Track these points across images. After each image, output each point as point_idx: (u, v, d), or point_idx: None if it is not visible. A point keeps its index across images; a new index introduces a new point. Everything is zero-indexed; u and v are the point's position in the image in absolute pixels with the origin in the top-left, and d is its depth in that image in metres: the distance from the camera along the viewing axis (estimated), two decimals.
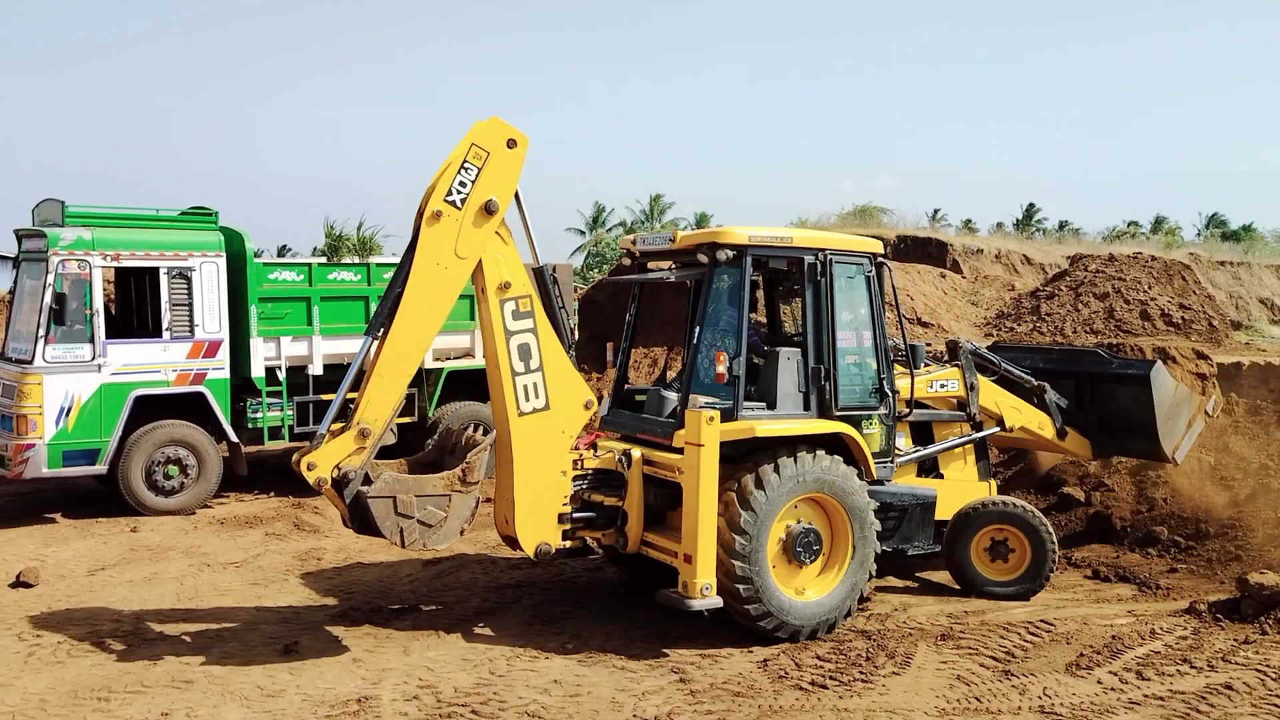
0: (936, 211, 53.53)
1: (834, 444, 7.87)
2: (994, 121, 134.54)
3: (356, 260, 12.82)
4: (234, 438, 11.93)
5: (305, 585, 9.00)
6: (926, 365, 9.39)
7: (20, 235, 11.92)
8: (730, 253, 7.65)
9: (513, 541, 7.59)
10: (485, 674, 6.91)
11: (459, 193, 7.06)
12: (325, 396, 12.44)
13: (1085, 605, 8.68)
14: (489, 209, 7.13)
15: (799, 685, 6.77)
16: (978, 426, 9.43)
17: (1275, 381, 11.81)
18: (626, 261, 9.10)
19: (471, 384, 13.00)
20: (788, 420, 7.76)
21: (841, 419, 7.95)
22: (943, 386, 9.31)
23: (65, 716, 6.20)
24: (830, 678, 6.88)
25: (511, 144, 7.24)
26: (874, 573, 8.02)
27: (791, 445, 7.58)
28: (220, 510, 11.81)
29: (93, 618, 8.00)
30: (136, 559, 9.78)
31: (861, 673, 6.97)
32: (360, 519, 6.92)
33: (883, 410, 8.32)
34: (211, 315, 11.65)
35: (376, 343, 7.12)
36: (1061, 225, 55.24)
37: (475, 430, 7.77)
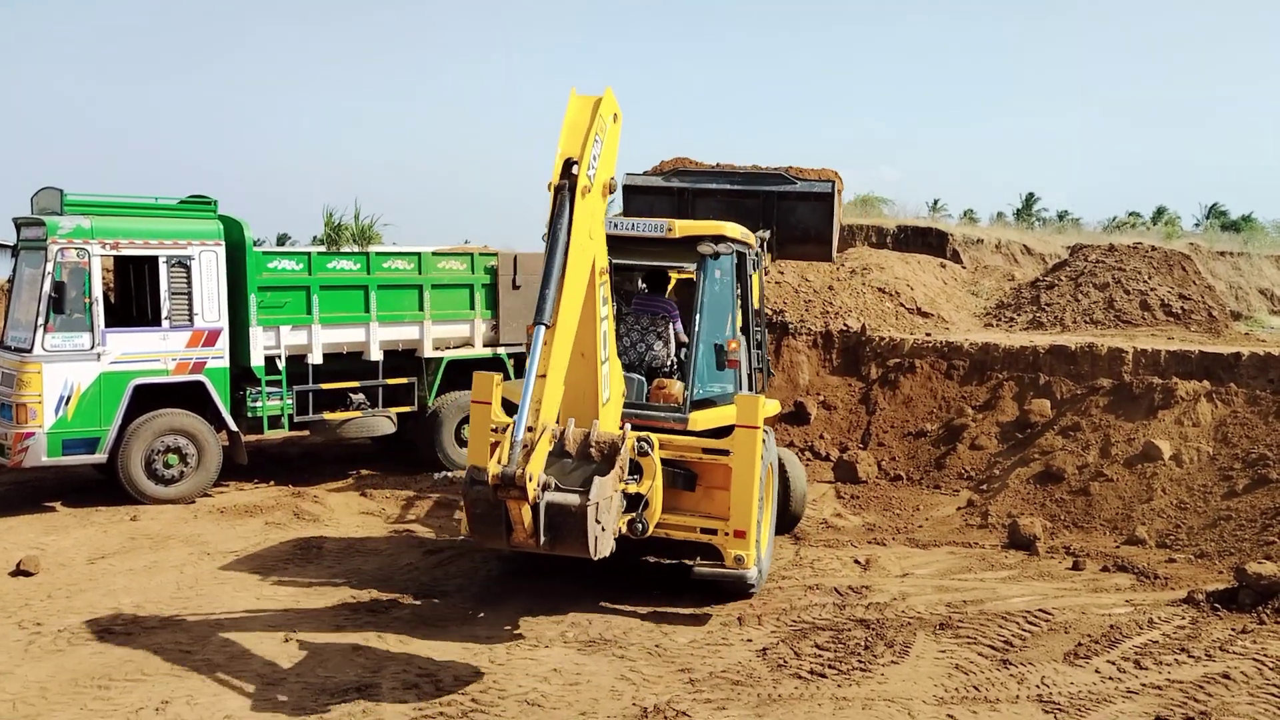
0: (936, 201, 53.42)
1: None
2: (995, 112, 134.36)
3: (356, 249, 12.81)
4: (234, 427, 11.92)
5: (305, 574, 9.01)
6: None
7: (19, 224, 11.88)
8: (733, 246, 8.52)
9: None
10: (485, 662, 6.92)
11: (593, 166, 6.60)
12: (324, 386, 12.47)
13: (1083, 595, 8.70)
14: (611, 189, 6.96)
15: (798, 674, 6.79)
16: None
17: (1274, 372, 11.84)
18: None
19: (469, 374, 12.92)
20: (764, 399, 8.50)
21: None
22: None
23: (66, 704, 6.22)
24: (829, 666, 6.90)
25: (615, 118, 7.07)
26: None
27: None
28: (220, 499, 11.82)
29: (93, 606, 8.01)
30: (136, 548, 9.78)
31: (860, 661, 6.99)
32: (555, 530, 6.00)
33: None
34: (211, 304, 11.63)
35: (546, 333, 6.22)
36: (1061, 215, 55.04)
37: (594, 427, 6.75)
